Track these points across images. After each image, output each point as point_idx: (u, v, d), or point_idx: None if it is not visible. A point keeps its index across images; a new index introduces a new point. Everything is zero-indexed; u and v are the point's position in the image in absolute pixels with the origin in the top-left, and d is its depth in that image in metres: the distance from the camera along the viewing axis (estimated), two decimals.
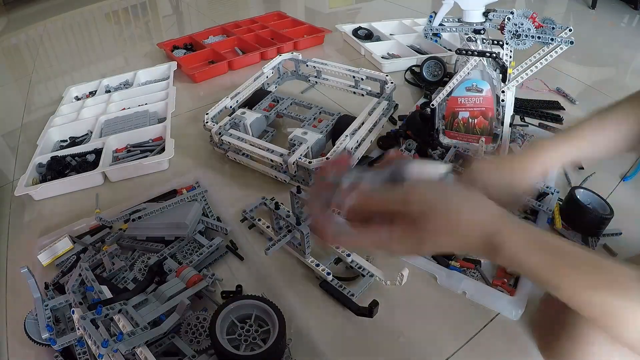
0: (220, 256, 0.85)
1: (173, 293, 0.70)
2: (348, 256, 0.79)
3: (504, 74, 0.89)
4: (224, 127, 1.07)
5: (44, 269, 0.83)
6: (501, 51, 0.88)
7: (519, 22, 0.83)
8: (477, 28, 0.90)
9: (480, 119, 0.95)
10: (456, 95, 0.95)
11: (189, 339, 0.68)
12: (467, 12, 0.91)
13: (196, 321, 0.70)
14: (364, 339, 0.71)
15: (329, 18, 2.23)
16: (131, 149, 1.17)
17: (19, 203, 1.04)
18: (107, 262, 0.80)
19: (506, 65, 0.88)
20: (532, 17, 0.85)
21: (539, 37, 0.84)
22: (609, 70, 1.58)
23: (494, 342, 0.69)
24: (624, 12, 2.16)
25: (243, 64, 1.63)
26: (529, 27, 0.83)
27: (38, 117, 1.42)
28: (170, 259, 0.80)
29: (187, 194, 0.91)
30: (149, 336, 0.62)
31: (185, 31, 2.16)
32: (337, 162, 0.48)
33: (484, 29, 0.90)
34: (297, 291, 0.78)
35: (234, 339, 0.65)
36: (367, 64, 1.60)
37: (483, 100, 0.93)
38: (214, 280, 0.78)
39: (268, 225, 0.88)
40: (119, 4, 2.69)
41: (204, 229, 0.88)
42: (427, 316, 0.73)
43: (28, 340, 0.68)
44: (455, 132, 0.99)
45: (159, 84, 1.48)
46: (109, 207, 0.94)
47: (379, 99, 1.15)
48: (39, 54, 2.03)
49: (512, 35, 0.85)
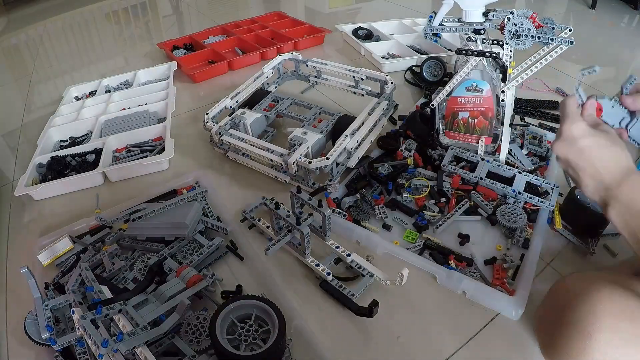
0: (220, 256, 0.85)
1: (173, 293, 0.70)
2: (348, 256, 0.79)
3: (504, 74, 0.89)
4: (224, 127, 1.07)
5: (44, 269, 0.83)
6: (501, 51, 0.88)
7: (519, 22, 0.83)
8: (477, 28, 0.89)
9: (480, 119, 0.95)
10: (456, 95, 0.94)
11: (189, 339, 0.68)
12: (467, 12, 0.90)
13: (196, 321, 0.70)
14: (364, 339, 0.71)
15: (329, 18, 2.23)
16: (131, 149, 1.17)
17: (19, 203, 1.04)
18: (107, 262, 0.80)
19: (506, 65, 0.88)
20: (532, 17, 0.84)
21: (539, 37, 0.83)
22: (609, 70, 1.58)
23: (494, 342, 0.69)
24: (624, 12, 2.16)
25: (243, 64, 1.63)
26: (529, 27, 0.83)
27: (38, 117, 1.42)
28: (170, 259, 0.80)
29: (187, 194, 0.91)
30: (149, 336, 0.62)
31: (185, 31, 2.17)
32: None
33: (483, 29, 0.90)
34: (297, 291, 0.78)
35: (234, 339, 0.65)
36: (367, 64, 1.60)
37: (483, 100, 0.93)
38: (214, 280, 0.78)
39: (268, 225, 0.88)
40: (119, 4, 2.69)
41: (204, 229, 0.89)
42: (427, 316, 0.73)
43: (28, 340, 0.68)
44: (455, 132, 0.99)
45: (159, 84, 1.48)
46: (109, 207, 0.94)
47: (379, 99, 1.15)
48: (39, 54, 2.03)
49: (512, 35, 0.85)
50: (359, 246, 0.86)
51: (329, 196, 0.94)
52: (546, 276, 0.79)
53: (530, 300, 0.71)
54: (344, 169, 1.00)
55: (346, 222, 0.88)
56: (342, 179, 0.99)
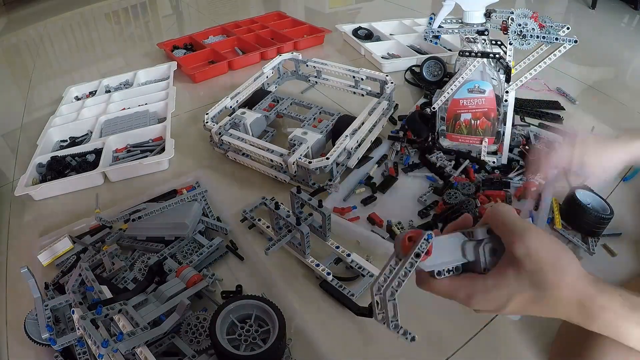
0: (220, 256, 0.85)
1: (173, 293, 0.70)
2: (348, 256, 0.79)
3: (507, 75, 0.89)
4: (224, 127, 1.07)
5: (44, 269, 0.83)
6: (502, 51, 0.88)
7: (523, 23, 0.83)
8: (480, 29, 0.89)
9: (482, 119, 0.94)
10: (458, 97, 0.94)
11: (189, 339, 0.68)
12: (469, 13, 0.89)
13: (196, 321, 0.70)
14: (364, 339, 0.71)
15: (329, 18, 2.23)
16: (131, 149, 1.17)
17: (19, 203, 1.04)
18: (107, 262, 0.80)
19: (510, 66, 0.88)
20: (533, 16, 0.84)
21: (543, 37, 0.83)
22: (609, 70, 1.58)
23: (494, 342, 0.69)
24: (624, 12, 2.16)
25: (243, 64, 1.63)
26: (534, 27, 0.83)
27: (38, 117, 1.42)
28: (170, 259, 0.80)
29: (187, 194, 0.91)
30: (149, 336, 0.62)
31: (185, 31, 2.16)
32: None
33: (487, 29, 0.89)
34: (297, 291, 0.78)
35: (233, 339, 0.65)
36: (367, 64, 1.60)
37: (485, 101, 0.92)
38: (214, 280, 0.78)
39: (268, 225, 0.88)
40: (119, 4, 2.69)
41: (204, 229, 0.89)
42: (427, 316, 0.73)
43: (28, 340, 0.68)
44: (457, 134, 0.98)
45: (159, 84, 1.48)
46: (109, 207, 0.94)
47: (379, 99, 1.15)
48: (39, 54, 2.03)
49: (516, 35, 0.85)
50: (359, 246, 0.86)
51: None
52: None
53: None
54: (344, 169, 1.00)
55: (346, 222, 0.88)
56: (342, 179, 0.99)
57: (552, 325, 0.69)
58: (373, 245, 0.84)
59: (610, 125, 1.19)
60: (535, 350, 0.67)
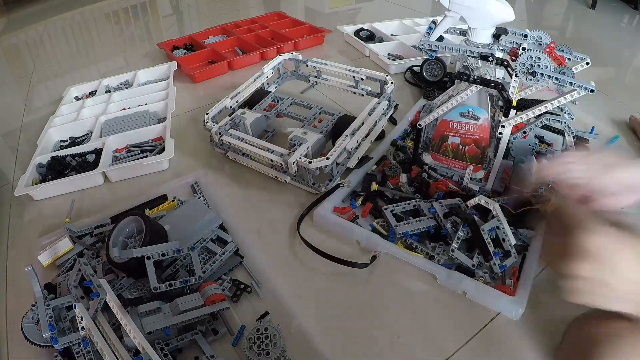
0: (234, 266, 0.82)
1: (187, 308, 0.68)
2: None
3: (507, 109, 0.78)
4: (224, 127, 1.07)
5: (45, 269, 0.83)
6: (508, 73, 0.78)
7: (536, 57, 0.70)
8: (484, 54, 0.76)
9: (472, 147, 0.87)
10: (448, 118, 0.86)
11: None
12: (475, 31, 0.77)
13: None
14: (363, 339, 0.71)
15: (329, 18, 2.23)
16: (131, 149, 1.17)
17: (19, 203, 1.04)
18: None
19: (511, 99, 0.77)
20: (550, 47, 0.71)
21: (556, 79, 0.71)
22: (609, 70, 1.58)
23: (494, 342, 0.69)
24: (624, 12, 2.16)
25: (243, 64, 1.63)
26: (547, 63, 0.71)
27: (38, 117, 1.42)
28: (183, 270, 0.78)
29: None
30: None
31: (185, 31, 2.16)
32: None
33: (492, 54, 0.77)
34: (297, 291, 0.78)
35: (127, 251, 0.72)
36: (371, 65, 1.60)
37: (478, 129, 0.85)
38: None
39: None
40: (119, 4, 2.69)
41: (216, 237, 0.85)
42: (427, 316, 0.73)
43: (27, 341, 0.68)
44: (442, 155, 0.92)
45: (159, 84, 1.47)
46: (109, 207, 0.94)
47: (379, 99, 1.15)
48: (39, 54, 2.03)
49: (525, 70, 0.72)
50: (359, 246, 0.86)
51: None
52: (546, 276, 0.79)
53: (530, 300, 0.71)
54: (344, 169, 1.01)
55: (347, 222, 0.88)
56: (342, 179, 0.99)
57: (552, 325, 0.69)
58: (373, 245, 0.84)
59: (610, 125, 1.19)
60: (536, 351, 0.67)
